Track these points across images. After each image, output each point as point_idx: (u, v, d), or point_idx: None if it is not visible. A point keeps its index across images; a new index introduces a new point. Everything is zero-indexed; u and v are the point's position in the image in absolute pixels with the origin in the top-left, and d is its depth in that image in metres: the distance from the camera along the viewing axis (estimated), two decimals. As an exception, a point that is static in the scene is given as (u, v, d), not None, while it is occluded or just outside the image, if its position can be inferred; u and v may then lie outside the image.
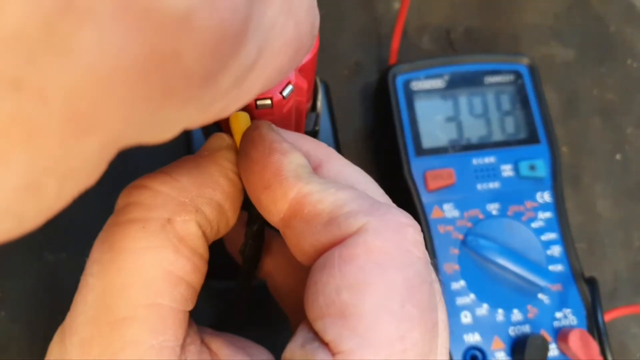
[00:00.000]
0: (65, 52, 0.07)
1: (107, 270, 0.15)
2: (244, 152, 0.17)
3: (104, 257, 0.15)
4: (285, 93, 0.18)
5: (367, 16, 0.43)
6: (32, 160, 0.08)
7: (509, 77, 0.37)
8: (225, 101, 0.11)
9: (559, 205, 0.35)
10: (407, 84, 0.36)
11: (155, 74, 0.08)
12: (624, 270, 0.38)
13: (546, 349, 0.30)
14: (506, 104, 0.37)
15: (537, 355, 0.30)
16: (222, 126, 0.21)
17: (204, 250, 0.16)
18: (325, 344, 0.14)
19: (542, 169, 0.35)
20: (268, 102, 0.18)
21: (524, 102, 0.37)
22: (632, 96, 0.42)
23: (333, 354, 0.14)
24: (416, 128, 0.36)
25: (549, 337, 0.33)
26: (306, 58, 0.20)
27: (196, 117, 0.11)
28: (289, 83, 0.18)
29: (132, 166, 0.38)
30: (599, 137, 0.41)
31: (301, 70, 0.19)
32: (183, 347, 0.15)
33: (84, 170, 0.09)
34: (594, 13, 0.44)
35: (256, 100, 0.18)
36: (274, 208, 0.16)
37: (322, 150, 0.19)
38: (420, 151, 0.35)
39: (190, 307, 0.16)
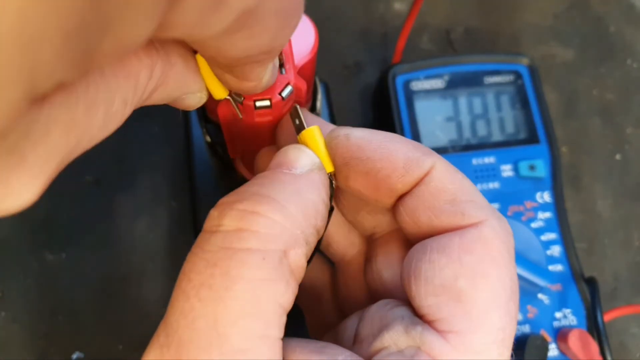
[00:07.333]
0: None
1: (221, 297, 0.14)
2: (358, 161, 0.17)
3: (216, 282, 0.14)
4: (284, 94, 0.18)
5: (367, 16, 0.43)
6: None
7: (509, 77, 0.37)
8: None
9: (558, 205, 0.35)
10: (407, 84, 0.36)
11: None
12: (623, 270, 0.38)
13: (546, 349, 0.30)
14: (506, 104, 0.37)
15: (537, 355, 0.30)
16: (222, 129, 0.21)
17: (301, 280, 0.17)
18: (427, 322, 0.16)
19: (541, 169, 0.35)
20: (267, 102, 0.18)
21: (524, 102, 0.37)
22: (631, 96, 0.42)
23: (440, 331, 0.16)
24: (416, 128, 0.36)
25: (548, 337, 0.33)
26: (305, 59, 0.20)
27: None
28: (288, 84, 0.18)
29: (131, 167, 0.38)
30: (599, 137, 0.41)
31: (300, 72, 0.20)
32: None
33: None
34: (594, 13, 0.44)
35: (255, 100, 0.18)
36: (405, 188, 0.17)
37: None
38: (420, 151, 0.35)
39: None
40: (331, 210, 0.18)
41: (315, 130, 0.18)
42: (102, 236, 0.36)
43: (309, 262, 0.18)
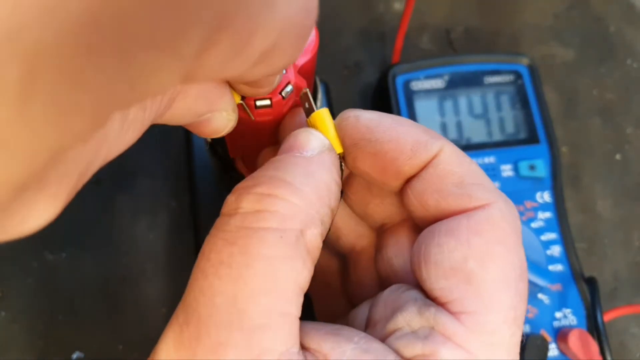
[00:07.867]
0: None
1: (240, 275, 0.14)
2: (367, 142, 0.18)
3: (235, 260, 0.15)
4: (284, 93, 0.18)
5: (367, 16, 0.43)
6: None
7: (509, 77, 0.37)
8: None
9: (558, 205, 0.35)
10: (407, 84, 0.36)
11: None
12: (623, 270, 0.38)
13: (546, 349, 0.30)
14: (506, 104, 0.37)
15: (537, 355, 0.30)
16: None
17: (316, 261, 0.17)
18: (439, 304, 0.16)
19: (541, 169, 0.35)
20: (267, 102, 0.18)
21: (524, 102, 0.37)
22: (632, 96, 0.42)
23: (453, 312, 0.16)
24: (416, 128, 0.36)
25: (548, 337, 0.33)
26: (305, 58, 0.20)
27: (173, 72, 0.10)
28: (288, 83, 0.18)
29: (131, 167, 0.38)
30: (599, 137, 0.41)
31: (300, 71, 0.20)
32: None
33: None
34: (594, 13, 0.44)
35: (255, 100, 0.18)
36: (412, 171, 0.18)
37: None
38: (420, 151, 0.35)
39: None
40: (342, 192, 0.18)
41: (324, 112, 0.18)
42: (102, 236, 0.36)
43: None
